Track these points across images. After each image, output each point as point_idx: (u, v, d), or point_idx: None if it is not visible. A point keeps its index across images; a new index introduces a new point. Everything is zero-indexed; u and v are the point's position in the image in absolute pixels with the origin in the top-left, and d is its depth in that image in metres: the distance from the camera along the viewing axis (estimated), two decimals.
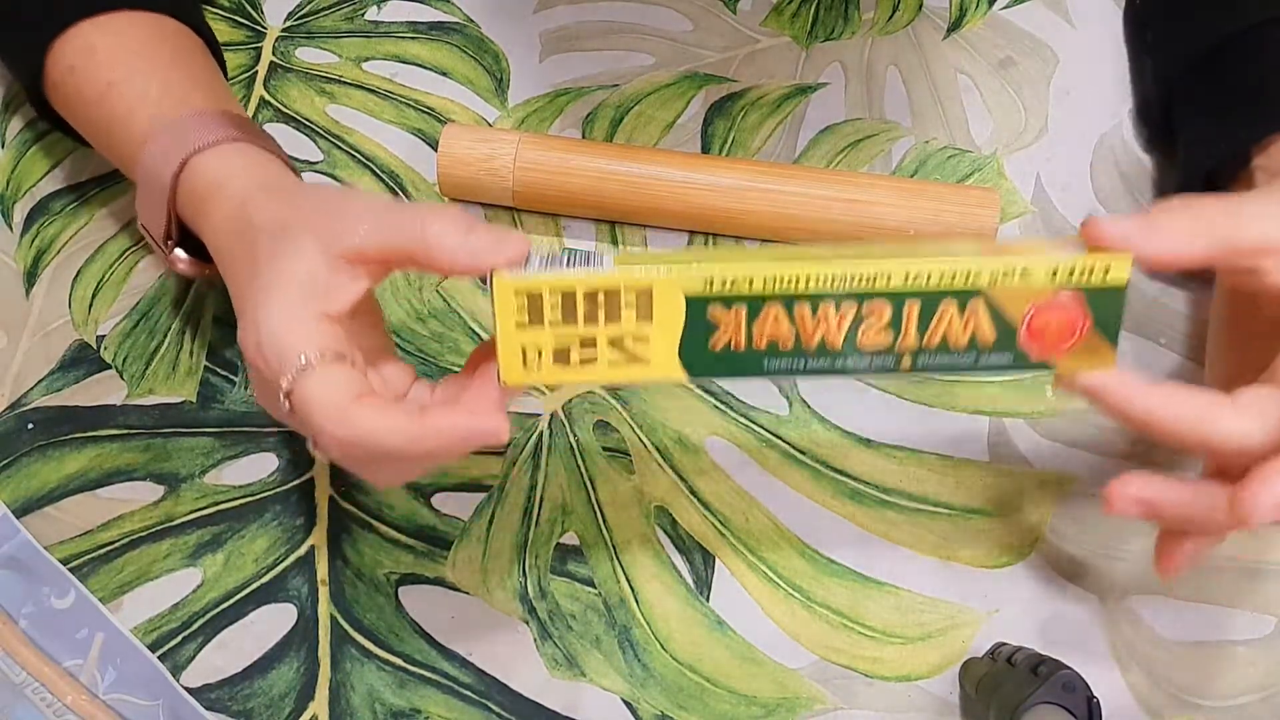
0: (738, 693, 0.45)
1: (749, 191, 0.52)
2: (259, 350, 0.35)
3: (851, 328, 0.36)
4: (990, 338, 0.36)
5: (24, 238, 0.55)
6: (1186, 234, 0.35)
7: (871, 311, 0.36)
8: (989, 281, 0.35)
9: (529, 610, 0.46)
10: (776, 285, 0.35)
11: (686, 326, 0.35)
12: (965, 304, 0.36)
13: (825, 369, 0.37)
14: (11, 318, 0.53)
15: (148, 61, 0.47)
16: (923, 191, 0.52)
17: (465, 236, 0.35)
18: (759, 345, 0.36)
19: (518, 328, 0.35)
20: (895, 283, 0.35)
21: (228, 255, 0.41)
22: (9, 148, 0.58)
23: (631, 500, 0.48)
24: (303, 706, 0.44)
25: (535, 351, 0.35)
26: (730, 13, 0.63)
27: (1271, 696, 0.44)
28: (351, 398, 0.34)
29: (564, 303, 0.35)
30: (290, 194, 0.40)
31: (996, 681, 0.41)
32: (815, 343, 0.36)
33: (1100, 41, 0.61)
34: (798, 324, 0.36)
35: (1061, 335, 0.36)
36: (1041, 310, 0.36)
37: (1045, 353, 0.36)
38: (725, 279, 0.35)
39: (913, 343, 0.36)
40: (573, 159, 0.53)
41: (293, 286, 0.36)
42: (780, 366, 0.36)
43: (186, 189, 0.43)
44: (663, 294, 0.35)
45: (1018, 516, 0.48)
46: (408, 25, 0.62)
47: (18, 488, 0.48)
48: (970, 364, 0.37)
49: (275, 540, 0.48)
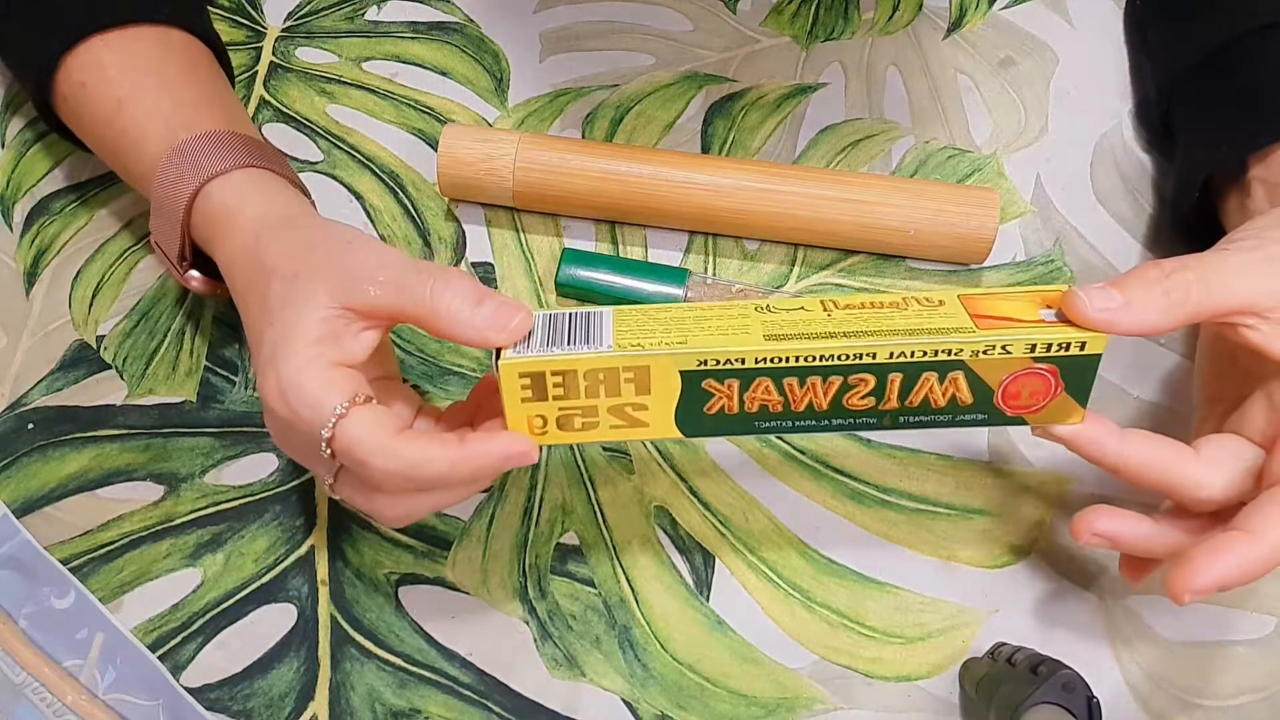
0: (738, 693, 0.45)
1: (749, 191, 0.52)
2: (286, 403, 0.37)
3: (837, 395, 0.38)
4: (968, 401, 0.39)
5: (24, 238, 0.55)
6: (1162, 306, 0.37)
7: (857, 382, 0.38)
8: (970, 356, 0.38)
9: (529, 610, 0.46)
10: (766, 364, 0.38)
11: (682, 397, 0.38)
12: (945, 374, 0.38)
13: (812, 427, 0.40)
14: (11, 318, 0.53)
15: (158, 78, 0.47)
16: (923, 191, 0.52)
17: (473, 311, 0.37)
18: (750, 409, 0.39)
19: (524, 402, 0.38)
20: (880, 359, 0.38)
21: (241, 290, 0.41)
22: (9, 148, 0.58)
23: (631, 500, 0.48)
24: (303, 706, 0.44)
25: (540, 420, 0.38)
26: (730, 13, 0.63)
27: (1271, 696, 0.44)
28: (394, 433, 0.36)
29: (565, 381, 0.37)
30: (303, 235, 0.41)
31: (996, 681, 0.41)
32: (803, 407, 0.39)
33: (1100, 41, 0.61)
34: (786, 393, 0.38)
35: (1035, 398, 0.39)
36: (1017, 378, 0.38)
37: (1018, 411, 0.39)
38: (718, 359, 0.37)
39: (895, 405, 0.39)
40: (573, 159, 0.53)
41: (309, 338, 0.37)
42: (771, 426, 0.39)
43: (201, 214, 0.44)
44: (659, 372, 0.38)
45: (1018, 516, 0.48)
46: (408, 25, 0.62)
47: (18, 488, 0.48)
48: (947, 421, 0.40)
49: (275, 540, 0.48)
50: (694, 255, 0.54)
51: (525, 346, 0.37)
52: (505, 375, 0.37)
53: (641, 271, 0.52)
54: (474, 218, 0.56)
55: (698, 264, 0.54)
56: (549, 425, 0.39)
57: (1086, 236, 0.55)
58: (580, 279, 0.52)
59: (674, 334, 0.38)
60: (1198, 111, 0.52)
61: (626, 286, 0.52)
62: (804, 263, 0.54)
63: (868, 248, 0.54)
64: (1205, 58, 0.52)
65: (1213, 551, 0.35)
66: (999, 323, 0.38)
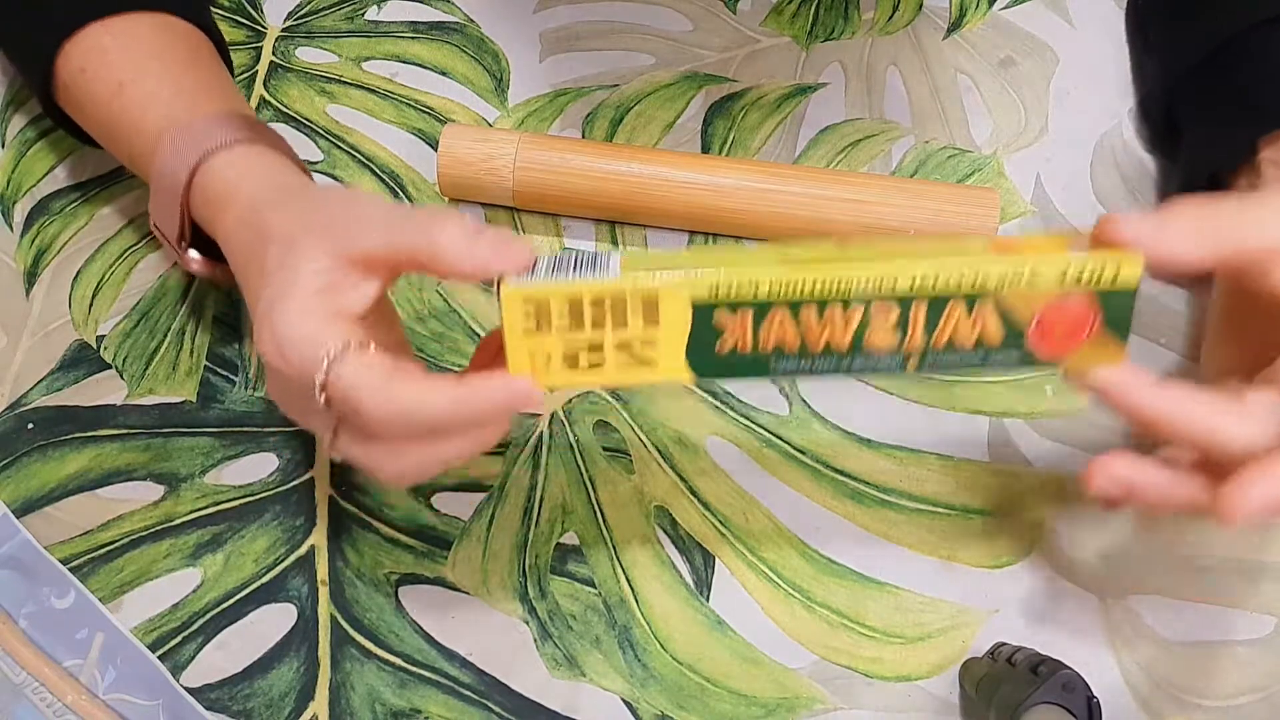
0: (738, 693, 0.45)
1: (749, 191, 0.52)
2: (280, 352, 0.36)
3: (858, 330, 0.36)
4: (998, 338, 0.36)
5: (24, 238, 0.55)
6: (1195, 236, 0.35)
7: (878, 313, 0.35)
8: (997, 285, 0.35)
9: (529, 610, 0.46)
10: (782, 291, 0.35)
11: (693, 331, 0.36)
12: (973, 306, 0.35)
13: (831, 369, 0.36)
14: (11, 318, 0.53)
15: (159, 62, 0.47)
16: (923, 191, 0.52)
17: (471, 242, 0.35)
18: (765, 348, 0.36)
19: (525, 334, 0.35)
20: (902, 286, 0.35)
21: (241, 261, 0.41)
22: (9, 148, 0.58)
23: (631, 500, 0.48)
24: (303, 706, 0.44)
25: (544, 357, 0.36)
26: (730, 13, 0.63)
27: (1271, 696, 0.44)
28: (388, 374, 0.35)
29: (571, 310, 0.35)
30: (302, 201, 0.40)
31: (996, 681, 0.41)
32: (821, 345, 0.36)
33: (1100, 41, 0.61)
34: (803, 328, 0.36)
35: (1070, 335, 0.36)
36: (1050, 311, 0.35)
37: (1053, 352, 0.36)
38: (730, 285, 0.35)
39: (919, 344, 0.36)
40: (573, 159, 0.53)
41: (306, 288, 0.36)
42: (786, 368, 0.36)
43: (200, 191, 0.43)
44: (669, 300, 0.35)
45: (1018, 516, 0.48)
46: (408, 25, 0.62)
47: (18, 488, 0.48)
48: (977, 362, 0.36)
49: (275, 540, 0.48)
50: None
51: (529, 278, 0.35)
52: (507, 304, 0.35)
53: None
54: (474, 218, 0.56)
55: None
56: (552, 363, 0.36)
57: None
58: None
59: (684, 264, 0.35)
60: (1201, 110, 0.52)
61: None
62: None
63: None
64: (1208, 55, 0.51)
65: (1264, 468, 0.34)
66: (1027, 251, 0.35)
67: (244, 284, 0.41)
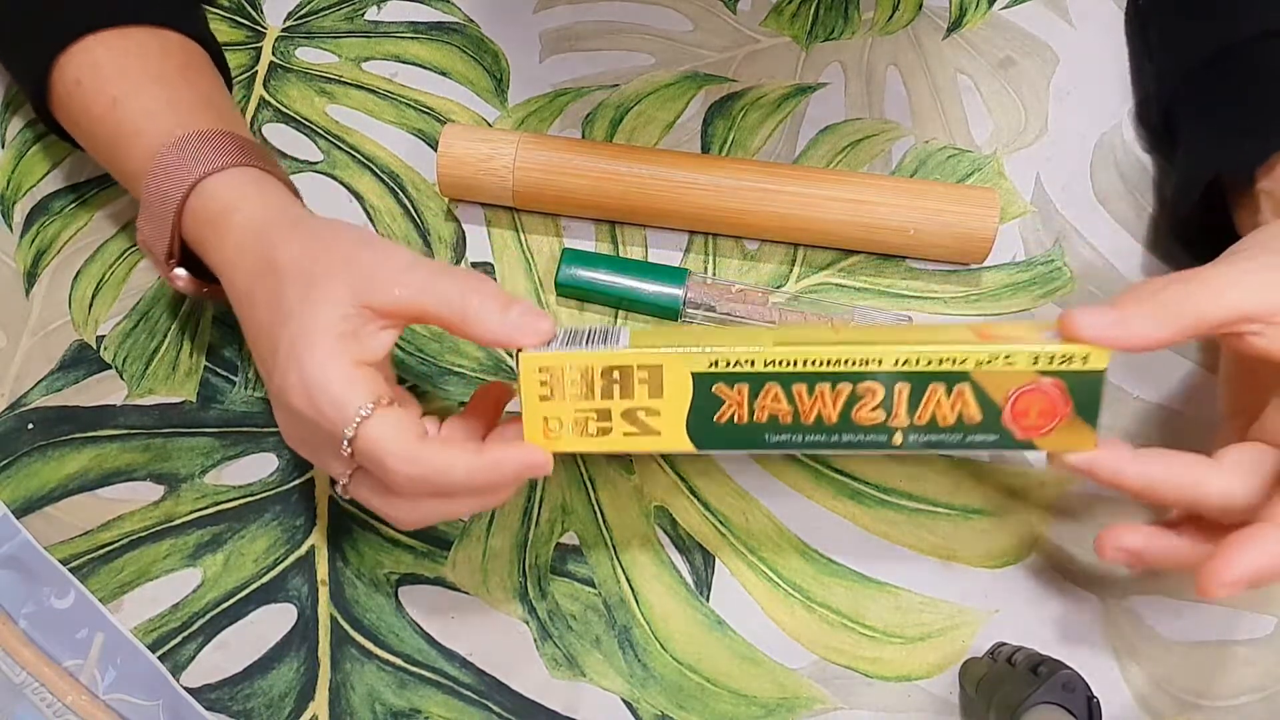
0: (738, 693, 0.45)
1: (749, 191, 0.52)
2: (310, 401, 0.37)
3: (846, 406, 0.39)
4: (976, 418, 0.39)
5: (24, 238, 0.55)
6: (1155, 323, 0.37)
7: (865, 392, 0.38)
8: (974, 365, 0.38)
9: (529, 610, 0.46)
10: (775, 366, 0.38)
11: (694, 401, 0.39)
12: (952, 387, 0.38)
13: (823, 444, 0.39)
14: (11, 318, 0.53)
15: (153, 77, 0.47)
16: (923, 191, 0.52)
17: (503, 315, 0.38)
18: (760, 419, 0.39)
19: (541, 400, 0.38)
20: (886, 366, 0.38)
21: (242, 291, 0.41)
22: (9, 148, 0.58)
23: (631, 500, 0.48)
24: (303, 706, 0.44)
25: (556, 421, 0.39)
26: (730, 13, 0.63)
27: (1271, 696, 0.44)
28: (417, 438, 0.37)
29: (583, 378, 0.38)
30: (312, 236, 0.41)
31: (996, 681, 0.41)
32: (813, 418, 0.39)
33: (1100, 41, 0.61)
34: (796, 401, 0.39)
35: (1043, 417, 0.38)
36: (1024, 394, 0.38)
37: (1028, 433, 0.39)
38: (728, 360, 0.38)
39: (904, 420, 0.39)
40: (573, 159, 0.53)
41: (331, 334, 0.37)
42: (781, 440, 0.39)
43: (192, 213, 0.44)
44: (672, 372, 0.38)
45: (1018, 516, 0.48)
46: (408, 25, 0.62)
47: (18, 488, 0.48)
48: (958, 442, 0.39)
49: (275, 540, 0.48)
50: (694, 255, 0.54)
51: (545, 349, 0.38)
52: (524, 370, 0.38)
53: (641, 271, 0.52)
54: (474, 218, 0.56)
55: (698, 264, 0.54)
56: (564, 428, 0.39)
57: (1086, 236, 0.55)
58: (580, 279, 0.52)
59: (687, 341, 0.39)
60: (1198, 114, 0.52)
61: (626, 286, 0.52)
62: (804, 263, 0.54)
63: (868, 248, 0.54)
64: (1208, 60, 0.51)
65: (1242, 544, 0.35)
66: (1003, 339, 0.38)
67: (247, 313, 0.41)
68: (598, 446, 0.39)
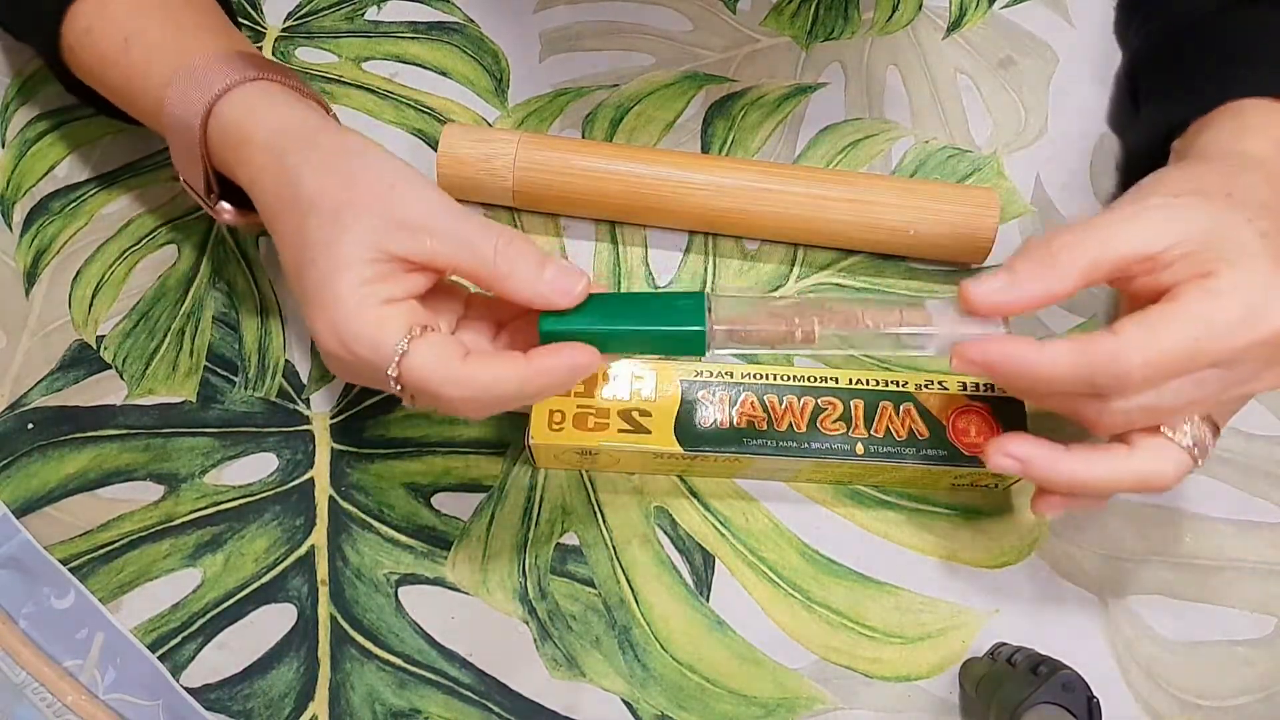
0: (738, 693, 0.45)
1: (749, 191, 0.52)
2: (346, 347, 0.37)
3: (813, 415, 0.46)
4: (925, 433, 0.45)
5: (24, 238, 0.55)
6: (1050, 277, 0.37)
7: (827, 405, 0.46)
8: (914, 389, 0.46)
9: (529, 610, 0.46)
10: (751, 379, 0.46)
11: (681, 405, 0.45)
12: (900, 406, 0.46)
13: (795, 450, 0.45)
14: (11, 318, 0.53)
15: (162, 12, 0.47)
16: (923, 191, 0.52)
17: (538, 274, 0.38)
18: (740, 424, 0.45)
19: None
20: (842, 383, 0.46)
21: (275, 220, 0.41)
22: (9, 148, 0.58)
23: (631, 500, 0.48)
24: (303, 706, 0.44)
25: (559, 414, 0.45)
26: (730, 13, 0.63)
27: (1271, 696, 0.44)
28: (460, 359, 0.37)
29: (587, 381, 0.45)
30: (338, 158, 0.40)
31: (996, 681, 0.41)
32: (785, 426, 0.45)
33: (1100, 41, 0.61)
34: (769, 409, 0.46)
35: (981, 435, 0.45)
36: (961, 413, 0.46)
37: (972, 450, 0.45)
38: (712, 370, 0.46)
39: (863, 432, 0.45)
40: (573, 159, 0.53)
41: (358, 278, 0.37)
42: (759, 445, 0.45)
43: (217, 136, 0.43)
44: (664, 376, 0.46)
45: (1018, 516, 0.48)
46: (408, 25, 0.62)
47: (18, 488, 0.48)
48: (914, 455, 0.45)
49: (275, 540, 0.48)
50: (694, 255, 0.54)
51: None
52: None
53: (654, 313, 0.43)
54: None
55: (698, 264, 0.54)
56: (565, 422, 0.45)
57: None
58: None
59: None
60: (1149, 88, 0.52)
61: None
62: (804, 263, 0.54)
63: (868, 248, 0.54)
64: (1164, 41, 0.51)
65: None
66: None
67: (281, 245, 0.41)
68: (594, 437, 0.44)
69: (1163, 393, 0.36)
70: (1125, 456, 0.38)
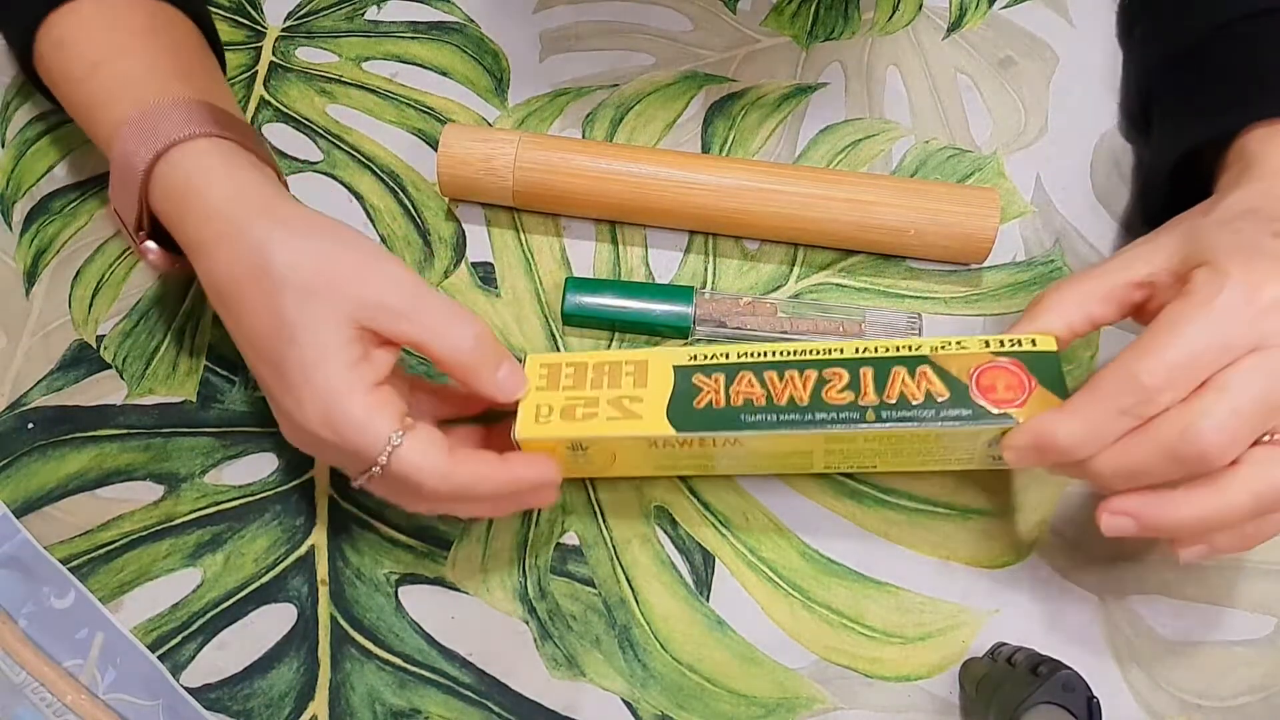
0: (738, 693, 0.45)
1: (749, 191, 0.52)
2: (335, 431, 0.38)
3: (816, 387, 0.42)
4: (945, 393, 0.41)
5: (24, 238, 0.55)
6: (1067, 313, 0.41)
7: (831, 375, 0.42)
8: (930, 350, 0.42)
9: (529, 610, 0.46)
10: (748, 357, 0.43)
11: (674, 389, 0.43)
12: (914, 369, 0.42)
13: (798, 422, 0.42)
14: (11, 318, 0.53)
15: (139, 45, 0.46)
16: (923, 191, 0.52)
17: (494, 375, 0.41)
18: (736, 403, 0.42)
19: (537, 390, 0.44)
20: (848, 354, 0.43)
21: (237, 289, 0.40)
22: (9, 148, 0.58)
23: (631, 500, 0.48)
24: (303, 706, 0.44)
25: (547, 408, 0.43)
26: (730, 13, 0.63)
27: (1271, 696, 0.44)
28: (448, 455, 0.39)
29: (576, 373, 0.44)
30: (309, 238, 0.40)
31: (996, 681, 0.41)
32: (785, 399, 0.42)
33: (1100, 41, 0.61)
34: (768, 385, 0.42)
35: (1011, 391, 0.41)
36: (986, 370, 0.41)
37: (1001, 405, 0.41)
38: (706, 354, 0.44)
39: (873, 399, 0.41)
40: (573, 159, 0.53)
41: (344, 360, 0.38)
42: (756, 421, 0.42)
43: (162, 183, 0.42)
44: (656, 364, 0.44)
45: (1018, 516, 0.48)
46: (408, 25, 0.62)
47: (18, 488, 0.48)
48: (932, 416, 0.41)
49: (275, 540, 0.48)
50: (694, 255, 0.54)
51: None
52: (530, 366, 0.44)
53: (647, 293, 0.52)
54: (474, 218, 0.56)
55: (698, 264, 0.54)
56: (553, 414, 0.43)
57: (1086, 236, 0.55)
58: (587, 306, 0.51)
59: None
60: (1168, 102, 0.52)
61: (634, 309, 0.51)
62: (804, 263, 0.54)
63: (868, 248, 0.54)
64: (1182, 49, 0.51)
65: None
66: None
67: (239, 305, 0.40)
68: (584, 428, 0.42)
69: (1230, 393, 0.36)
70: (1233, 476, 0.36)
